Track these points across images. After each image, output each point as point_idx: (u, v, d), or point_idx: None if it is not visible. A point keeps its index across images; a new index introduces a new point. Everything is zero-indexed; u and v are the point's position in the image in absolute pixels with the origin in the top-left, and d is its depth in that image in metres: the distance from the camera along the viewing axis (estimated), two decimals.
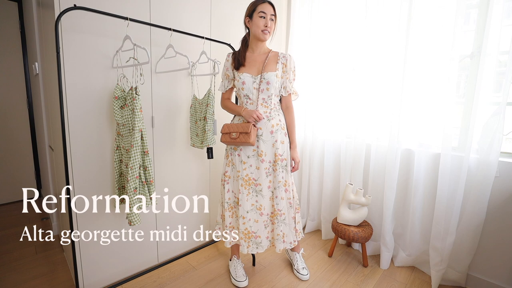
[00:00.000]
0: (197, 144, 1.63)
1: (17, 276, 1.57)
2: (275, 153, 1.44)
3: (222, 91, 1.54)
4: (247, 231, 1.44)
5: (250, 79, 1.40)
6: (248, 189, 1.44)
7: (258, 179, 1.44)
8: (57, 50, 1.10)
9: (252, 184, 1.44)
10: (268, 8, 1.36)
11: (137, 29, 1.40)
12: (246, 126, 1.35)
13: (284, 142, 1.46)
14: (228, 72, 1.48)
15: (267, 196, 1.45)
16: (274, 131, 1.43)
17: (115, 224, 1.47)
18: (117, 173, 1.35)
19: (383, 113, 1.81)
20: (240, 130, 1.36)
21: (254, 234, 1.45)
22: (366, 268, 1.77)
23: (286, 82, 1.46)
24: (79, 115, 1.28)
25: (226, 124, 1.44)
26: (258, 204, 1.45)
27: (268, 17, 1.36)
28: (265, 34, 1.38)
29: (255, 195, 1.45)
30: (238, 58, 1.44)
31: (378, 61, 1.79)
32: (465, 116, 1.54)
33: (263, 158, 1.43)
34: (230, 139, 1.38)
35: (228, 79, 1.50)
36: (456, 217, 1.49)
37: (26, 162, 2.78)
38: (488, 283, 1.50)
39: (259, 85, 1.39)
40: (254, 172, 1.45)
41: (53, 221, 2.09)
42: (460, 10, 1.40)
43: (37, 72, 1.99)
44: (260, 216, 1.45)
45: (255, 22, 1.37)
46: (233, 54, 1.48)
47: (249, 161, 1.44)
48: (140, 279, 1.57)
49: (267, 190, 1.45)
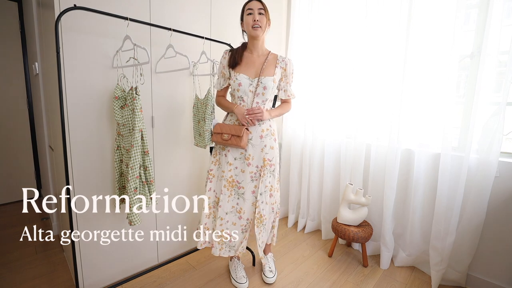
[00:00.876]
0: (201, 143, 1.63)
1: (17, 276, 1.57)
2: (264, 158, 1.42)
3: (218, 89, 1.51)
4: (222, 233, 1.42)
5: (247, 81, 1.37)
6: (230, 190, 1.43)
7: (242, 182, 1.42)
8: (57, 50, 1.10)
9: (235, 186, 1.43)
10: (255, 4, 1.34)
11: (137, 29, 1.40)
12: (239, 129, 1.34)
13: (273, 147, 1.44)
14: (224, 70, 1.44)
15: (249, 201, 1.43)
16: (263, 135, 1.41)
17: (115, 224, 1.47)
18: (117, 173, 1.35)
19: (383, 113, 1.81)
20: (232, 132, 1.35)
21: (230, 237, 1.43)
22: (366, 268, 1.77)
23: (287, 86, 1.47)
24: (79, 115, 1.28)
25: (219, 123, 1.43)
26: (238, 207, 1.43)
27: (255, 11, 1.32)
28: (256, 30, 1.33)
29: (237, 197, 1.43)
30: (235, 56, 1.40)
31: (378, 61, 1.79)
32: (465, 116, 1.54)
33: (250, 162, 1.41)
34: (222, 139, 1.38)
35: (224, 77, 1.46)
36: (456, 217, 1.49)
37: (26, 162, 2.78)
38: (488, 283, 1.50)
39: (256, 89, 1.37)
40: (239, 174, 1.43)
41: (53, 221, 2.09)
42: (460, 10, 1.40)
43: (37, 72, 1.99)
44: (239, 220, 1.43)
45: (245, 21, 1.35)
46: (230, 51, 1.44)
47: (235, 163, 1.43)
48: (140, 279, 1.57)
49: (250, 195, 1.43)
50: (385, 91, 1.78)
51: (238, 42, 1.54)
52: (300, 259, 1.85)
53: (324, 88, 2.07)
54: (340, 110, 2.01)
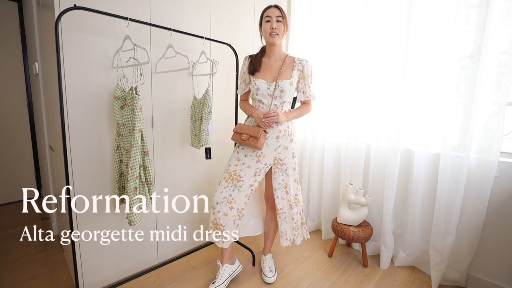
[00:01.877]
0: (195, 143, 1.64)
1: (17, 276, 1.57)
2: (275, 157, 1.46)
3: (240, 94, 1.61)
4: (216, 222, 1.43)
5: (264, 85, 1.43)
6: (228, 182, 1.45)
7: (244, 176, 1.45)
8: (57, 50, 1.10)
9: (235, 179, 1.45)
10: (273, 11, 1.39)
11: (137, 29, 1.40)
12: (257, 131, 1.39)
13: (288, 148, 1.47)
14: (245, 76, 1.54)
15: (244, 193, 1.44)
16: (280, 136, 1.46)
17: (115, 224, 1.47)
18: (117, 173, 1.35)
19: (383, 113, 1.81)
20: (250, 133, 1.40)
21: (222, 227, 1.43)
22: (366, 268, 1.77)
23: (305, 87, 1.50)
24: (79, 115, 1.28)
25: (240, 124, 1.49)
26: (230, 198, 1.43)
27: (273, 19, 1.38)
28: (273, 37, 1.40)
29: (232, 189, 1.44)
30: (254, 63, 1.47)
31: (378, 61, 1.79)
32: (465, 116, 1.54)
33: (260, 159, 1.45)
34: (241, 139, 1.44)
35: (245, 82, 1.55)
36: (456, 217, 1.49)
37: (26, 162, 2.78)
38: (488, 283, 1.50)
39: (273, 92, 1.43)
40: (244, 169, 1.46)
41: (53, 221, 2.09)
42: (460, 10, 1.40)
43: (37, 72, 1.99)
44: (230, 210, 1.43)
45: (264, 28, 1.42)
46: (250, 58, 1.52)
47: (244, 159, 1.47)
48: (140, 279, 1.57)
49: (247, 188, 1.45)
50: (385, 91, 1.78)
51: (238, 42, 1.55)
52: (300, 259, 1.85)
53: (324, 88, 2.07)
54: (340, 110, 2.01)
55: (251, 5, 2.02)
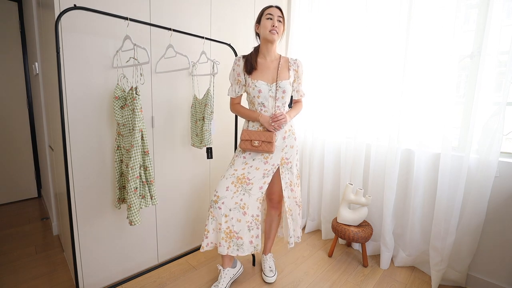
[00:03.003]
0: (197, 144, 1.63)
1: (17, 276, 1.57)
2: (282, 157, 1.47)
3: (233, 97, 1.51)
4: (229, 230, 1.40)
5: (266, 87, 1.40)
6: (237, 187, 1.42)
7: (253, 178, 1.43)
8: (57, 50, 1.10)
9: (244, 183, 1.42)
10: (275, 11, 1.39)
11: (137, 29, 1.40)
12: (270, 135, 1.38)
13: (293, 146, 1.49)
14: (239, 77, 1.45)
15: (255, 196, 1.42)
16: (286, 136, 1.47)
17: (115, 224, 1.47)
18: (117, 173, 1.35)
19: (383, 113, 1.81)
20: (263, 139, 1.38)
21: (236, 234, 1.40)
22: (366, 268, 1.77)
23: (299, 86, 1.54)
24: (79, 115, 1.28)
25: (247, 130, 1.44)
26: (242, 202, 1.41)
27: (275, 18, 1.38)
28: (273, 34, 1.38)
29: (242, 193, 1.42)
30: (250, 62, 1.42)
31: (378, 61, 1.79)
32: (465, 116, 1.54)
33: (267, 161, 1.45)
34: (252, 146, 1.40)
35: (239, 84, 1.47)
36: (456, 217, 1.49)
37: (26, 162, 2.78)
38: (488, 283, 1.50)
39: (275, 94, 1.41)
40: (252, 172, 1.43)
41: (53, 221, 2.09)
42: (460, 10, 1.41)
43: (37, 72, 1.99)
44: (243, 216, 1.41)
45: (263, 24, 1.40)
46: (244, 58, 1.46)
47: (251, 163, 1.45)
48: (140, 279, 1.57)
49: (257, 191, 1.42)
50: (385, 91, 1.78)
51: (238, 42, 1.54)
52: (300, 259, 1.85)
53: (324, 88, 2.07)
54: (340, 110, 2.01)
55: (251, 5, 2.02)
